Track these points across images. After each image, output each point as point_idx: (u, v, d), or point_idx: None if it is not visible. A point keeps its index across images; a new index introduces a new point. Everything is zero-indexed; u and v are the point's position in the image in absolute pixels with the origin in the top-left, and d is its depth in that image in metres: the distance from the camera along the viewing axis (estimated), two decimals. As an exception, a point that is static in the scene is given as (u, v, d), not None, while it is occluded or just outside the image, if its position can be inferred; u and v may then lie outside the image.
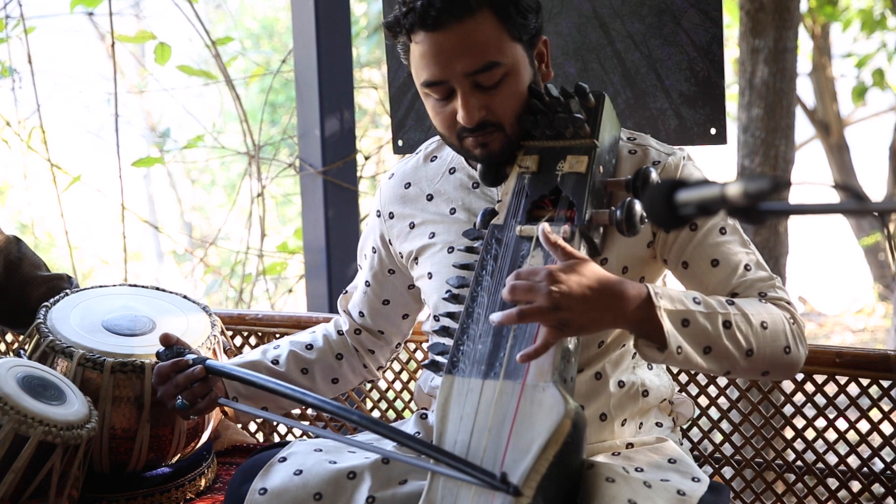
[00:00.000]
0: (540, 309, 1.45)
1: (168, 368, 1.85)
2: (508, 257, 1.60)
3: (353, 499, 1.64)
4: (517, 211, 1.64)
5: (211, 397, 1.85)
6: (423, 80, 1.68)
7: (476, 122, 1.66)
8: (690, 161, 1.76)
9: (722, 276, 1.70)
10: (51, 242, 6.42)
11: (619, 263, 1.71)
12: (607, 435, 1.74)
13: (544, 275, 1.45)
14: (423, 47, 1.65)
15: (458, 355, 1.56)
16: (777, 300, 1.69)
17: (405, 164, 1.93)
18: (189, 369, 1.83)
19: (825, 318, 7.97)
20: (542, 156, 1.67)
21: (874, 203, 1.06)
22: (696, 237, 1.70)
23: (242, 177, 4.61)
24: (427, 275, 1.83)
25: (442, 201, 1.84)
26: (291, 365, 2.00)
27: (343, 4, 3.06)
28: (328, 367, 2.03)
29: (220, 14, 8.85)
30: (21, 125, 3.76)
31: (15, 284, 2.26)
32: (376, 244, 1.95)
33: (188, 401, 1.83)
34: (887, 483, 2.07)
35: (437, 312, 1.81)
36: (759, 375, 1.66)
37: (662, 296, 1.54)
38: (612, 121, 1.72)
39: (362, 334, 2.04)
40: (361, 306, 2.02)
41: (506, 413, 1.48)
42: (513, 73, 1.66)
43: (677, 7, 2.36)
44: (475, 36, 1.63)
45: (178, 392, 1.83)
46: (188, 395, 1.83)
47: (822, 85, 7.75)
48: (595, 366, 1.73)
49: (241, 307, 3.94)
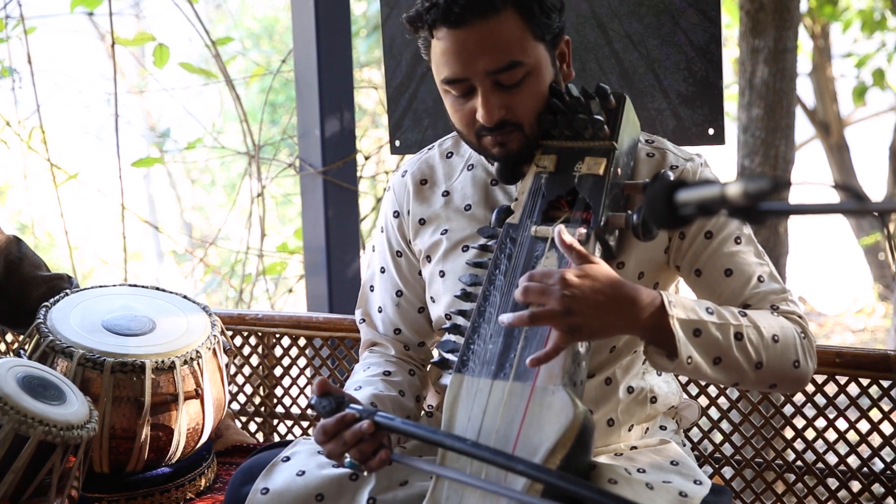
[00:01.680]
0: (552, 312, 1.43)
1: (333, 425, 1.55)
2: (522, 257, 1.59)
3: (354, 500, 1.64)
4: (533, 211, 1.63)
5: (381, 457, 1.55)
6: (444, 77, 1.66)
7: (496, 122, 1.64)
8: (708, 168, 1.74)
9: (735, 286, 1.68)
10: (51, 242, 6.41)
11: (636, 268, 1.70)
12: (614, 440, 1.74)
13: (557, 278, 1.44)
14: (444, 44, 1.64)
15: (469, 354, 1.55)
16: (789, 314, 1.67)
17: (418, 160, 1.89)
18: (356, 425, 1.54)
19: (825, 318, 7.97)
20: (560, 156, 1.66)
21: (874, 203, 1.06)
22: (710, 245, 1.69)
23: (242, 177, 4.61)
24: (439, 273, 1.81)
25: (458, 198, 1.82)
26: (408, 395, 1.83)
27: (343, 4, 3.06)
28: (413, 385, 1.87)
29: (220, 14, 8.85)
30: (21, 125, 3.76)
31: (15, 284, 2.26)
32: (401, 248, 1.88)
33: (357, 460, 1.55)
34: (887, 483, 2.07)
35: (448, 310, 1.78)
36: (767, 388, 1.65)
37: (676, 304, 1.53)
38: (632, 123, 1.70)
39: (411, 350, 1.91)
40: (397, 323, 1.90)
41: (514, 415, 1.47)
42: (535, 72, 1.65)
43: (676, 7, 2.35)
44: (498, 34, 1.62)
45: (346, 450, 1.55)
46: (357, 455, 1.55)
47: (822, 85, 7.74)
48: (606, 371, 1.72)
49: (241, 307, 3.94)
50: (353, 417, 1.54)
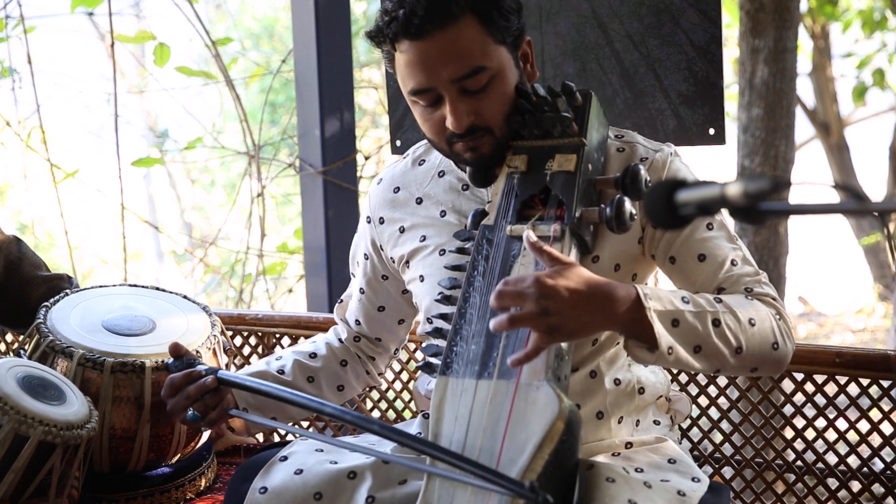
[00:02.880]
0: (529, 315, 1.45)
1: (180, 380, 1.81)
2: (499, 257, 1.61)
3: (353, 498, 1.65)
4: (507, 211, 1.64)
5: (222, 407, 1.83)
6: (410, 89, 1.68)
7: (465, 128, 1.66)
8: (678, 157, 1.77)
9: (709, 271, 1.70)
10: (51, 242, 6.41)
11: (611, 261, 1.71)
12: (604, 433, 1.74)
13: (532, 281, 1.45)
14: (407, 56, 1.66)
15: (452, 356, 1.56)
16: (763, 296, 1.69)
17: (393, 168, 1.93)
18: (200, 380, 1.80)
19: (825, 318, 7.97)
20: (530, 155, 1.67)
21: (874, 203, 1.06)
22: (683, 232, 1.70)
23: (242, 177, 4.61)
24: (419, 277, 1.83)
25: (431, 204, 1.84)
26: (297, 374, 1.99)
27: (343, 4, 3.06)
28: (333, 374, 2.02)
29: (220, 14, 8.85)
30: (21, 125, 3.76)
31: (15, 284, 2.26)
32: (368, 251, 1.95)
33: (199, 412, 1.80)
34: (887, 483, 2.07)
35: (429, 314, 1.80)
36: (748, 372, 1.67)
37: (652, 297, 1.54)
38: (600, 119, 1.72)
39: (361, 341, 2.04)
40: (357, 314, 2.02)
41: (500, 413, 1.48)
42: (499, 76, 1.67)
43: (676, 7, 2.36)
44: (459, 42, 1.63)
45: (189, 404, 1.80)
46: (199, 407, 1.80)
47: (822, 85, 7.75)
48: (590, 364, 1.73)
49: (241, 307, 3.94)
50: (199, 374, 1.80)
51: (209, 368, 1.82)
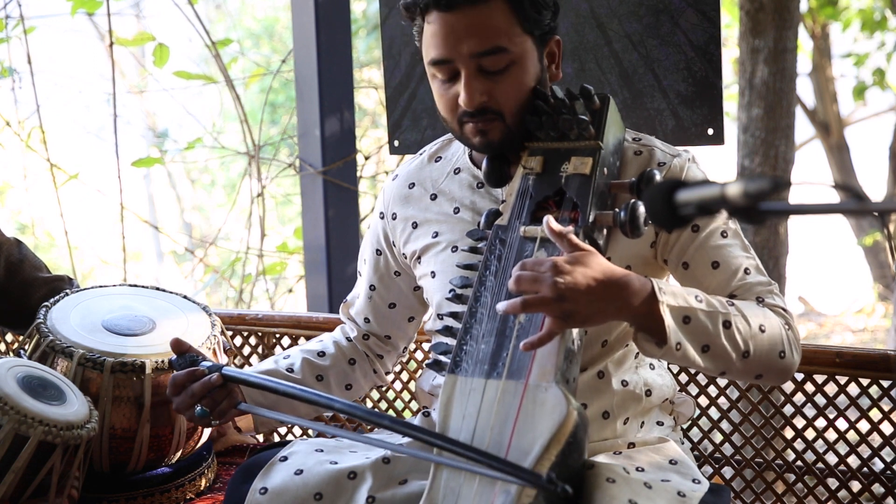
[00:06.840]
0: (544, 299, 1.45)
1: (184, 378, 1.80)
2: (512, 258, 1.61)
3: (353, 499, 1.65)
4: (521, 212, 1.64)
5: (231, 402, 1.82)
6: (430, 59, 1.70)
7: (476, 106, 1.67)
8: (695, 163, 1.76)
9: (722, 279, 1.71)
10: (51, 243, 6.41)
11: (623, 264, 1.70)
12: (609, 433, 1.75)
13: (549, 265, 1.46)
14: (434, 27, 1.68)
15: (461, 355, 1.56)
16: (774, 306, 1.69)
17: (409, 164, 1.94)
18: (206, 378, 1.79)
19: (825, 318, 7.98)
20: (546, 157, 1.68)
21: (874, 203, 1.06)
22: (697, 239, 1.71)
23: (242, 177, 4.61)
24: (430, 273, 1.83)
25: (445, 201, 1.85)
26: (306, 372, 1.98)
27: (343, 4, 3.06)
28: (342, 372, 2.02)
29: (220, 14, 8.86)
30: (21, 125, 3.76)
31: (16, 286, 2.26)
32: (381, 246, 1.95)
33: (208, 408, 1.80)
34: (887, 483, 2.07)
35: (440, 312, 1.81)
36: (753, 378, 1.67)
37: (666, 291, 1.55)
38: (617, 123, 1.72)
39: (370, 339, 2.04)
40: (366, 312, 2.01)
41: (508, 413, 1.48)
42: (519, 63, 1.68)
43: (675, 7, 2.35)
44: (486, 20, 1.65)
45: (195, 402, 1.79)
46: (208, 403, 1.80)
47: (822, 85, 7.75)
48: (598, 365, 1.74)
49: (241, 307, 3.94)
50: (203, 372, 1.79)
51: (213, 365, 1.81)
